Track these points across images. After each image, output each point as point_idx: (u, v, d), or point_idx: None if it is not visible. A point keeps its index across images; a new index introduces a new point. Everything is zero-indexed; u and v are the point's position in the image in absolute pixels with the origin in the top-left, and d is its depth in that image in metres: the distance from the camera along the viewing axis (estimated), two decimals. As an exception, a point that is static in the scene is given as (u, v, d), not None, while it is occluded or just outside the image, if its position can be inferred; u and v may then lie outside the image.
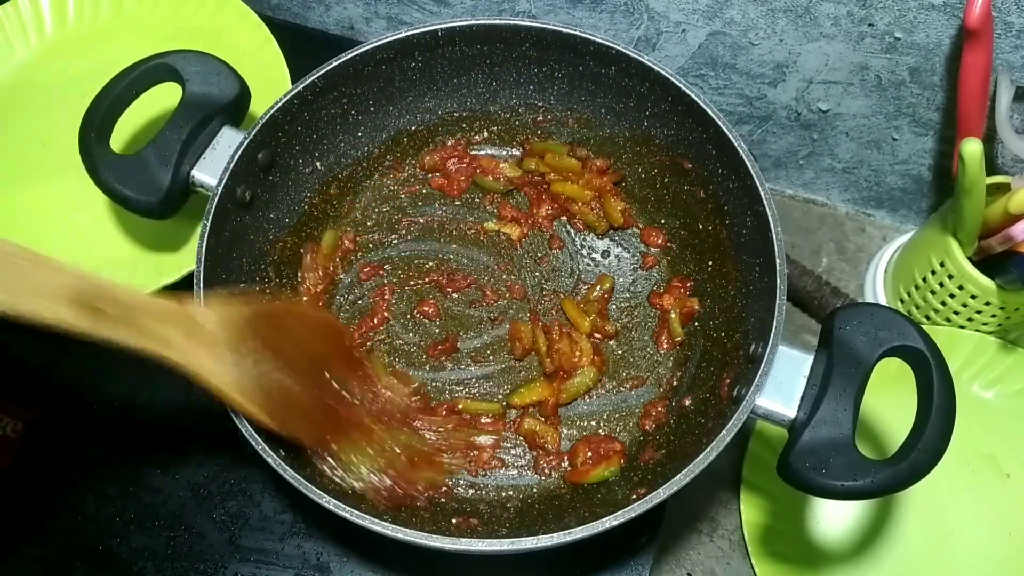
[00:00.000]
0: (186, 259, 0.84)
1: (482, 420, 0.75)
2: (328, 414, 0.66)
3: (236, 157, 0.70)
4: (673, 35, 0.85)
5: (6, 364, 0.85)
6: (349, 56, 0.75)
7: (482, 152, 0.88)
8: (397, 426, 0.70)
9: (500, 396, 0.77)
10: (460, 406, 0.75)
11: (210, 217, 0.68)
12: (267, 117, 0.72)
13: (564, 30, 0.75)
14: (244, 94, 0.75)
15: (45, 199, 0.89)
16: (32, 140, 0.92)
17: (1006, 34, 0.71)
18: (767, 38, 0.81)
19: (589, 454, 0.73)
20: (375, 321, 0.80)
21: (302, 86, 0.74)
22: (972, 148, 0.66)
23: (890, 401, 0.78)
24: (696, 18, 0.82)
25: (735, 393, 0.65)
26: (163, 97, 0.75)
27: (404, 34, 0.76)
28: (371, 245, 0.84)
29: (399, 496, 0.66)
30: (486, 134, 0.88)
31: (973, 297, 0.80)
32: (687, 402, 0.74)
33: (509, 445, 0.75)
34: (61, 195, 0.88)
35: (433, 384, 0.77)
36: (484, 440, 0.74)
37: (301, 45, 0.93)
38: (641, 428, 0.75)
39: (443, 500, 0.72)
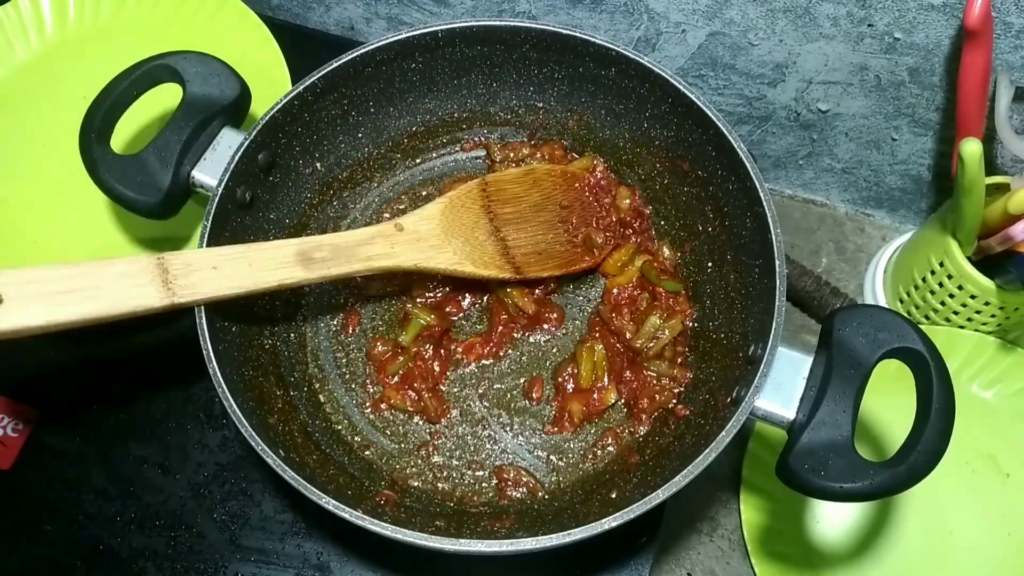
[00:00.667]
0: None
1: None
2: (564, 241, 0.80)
3: (236, 158, 0.70)
4: (673, 35, 0.85)
5: (6, 364, 0.85)
6: (349, 57, 0.75)
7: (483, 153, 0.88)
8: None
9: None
10: None
11: (210, 218, 0.68)
12: (267, 118, 0.72)
13: (564, 31, 0.75)
14: (244, 95, 0.75)
15: (45, 199, 0.89)
16: (32, 141, 0.92)
17: (1005, 34, 0.71)
18: (767, 38, 0.81)
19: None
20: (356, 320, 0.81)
21: (302, 87, 0.74)
22: (971, 148, 0.66)
23: (889, 402, 0.78)
24: (696, 18, 0.82)
25: (734, 394, 0.65)
26: (163, 98, 0.75)
27: (404, 35, 0.76)
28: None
29: None
30: (486, 135, 0.88)
31: (972, 297, 0.80)
32: (686, 403, 0.74)
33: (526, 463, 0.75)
34: (61, 195, 0.89)
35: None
36: None
37: (301, 46, 0.93)
38: (640, 429, 0.75)
39: (450, 503, 0.72)
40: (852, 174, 0.95)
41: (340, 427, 0.76)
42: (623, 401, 0.76)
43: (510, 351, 0.79)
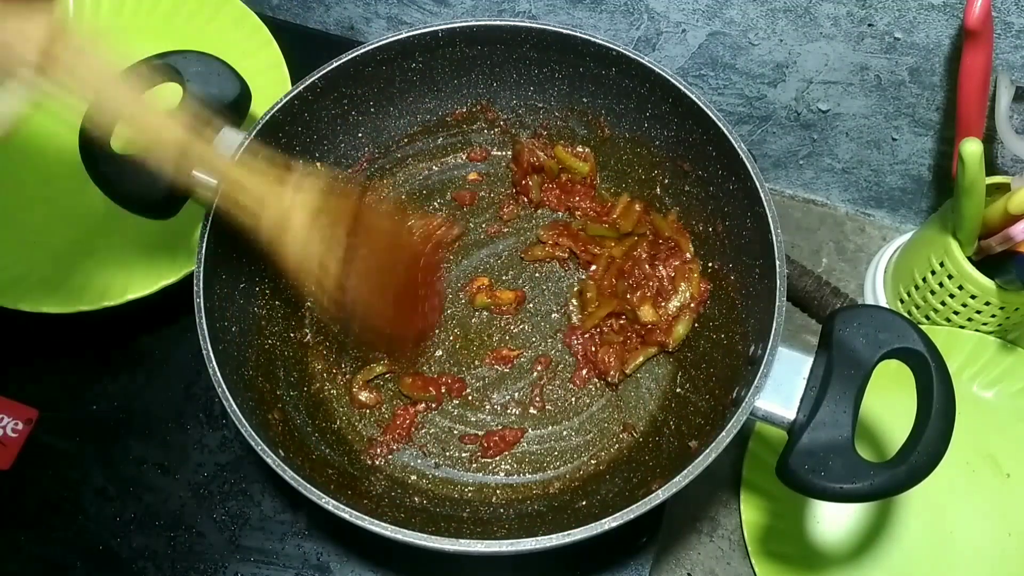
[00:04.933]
0: (186, 260, 0.84)
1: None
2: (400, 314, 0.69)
3: (236, 158, 0.70)
4: (673, 35, 0.85)
5: (6, 364, 0.85)
6: (349, 57, 0.75)
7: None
8: None
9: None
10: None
11: (210, 218, 0.68)
12: (267, 118, 0.72)
13: (564, 31, 0.75)
14: (244, 95, 0.74)
15: (45, 198, 0.89)
16: (31, 140, 0.92)
17: (1006, 34, 0.71)
18: (767, 38, 0.81)
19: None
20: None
21: (302, 87, 0.74)
22: (972, 148, 0.66)
23: (890, 402, 0.78)
24: (696, 18, 0.82)
25: (734, 394, 0.65)
26: (163, 97, 0.75)
27: (404, 35, 0.76)
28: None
29: None
30: (486, 135, 0.88)
31: (973, 297, 0.80)
32: (686, 404, 0.74)
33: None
34: (61, 195, 0.88)
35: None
36: None
37: (301, 46, 0.93)
38: (642, 429, 0.75)
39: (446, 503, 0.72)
40: (852, 174, 0.95)
41: (341, 428, 0.76)
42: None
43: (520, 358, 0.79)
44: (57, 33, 0.54)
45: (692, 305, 0.78)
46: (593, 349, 0.78)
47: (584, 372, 0.78)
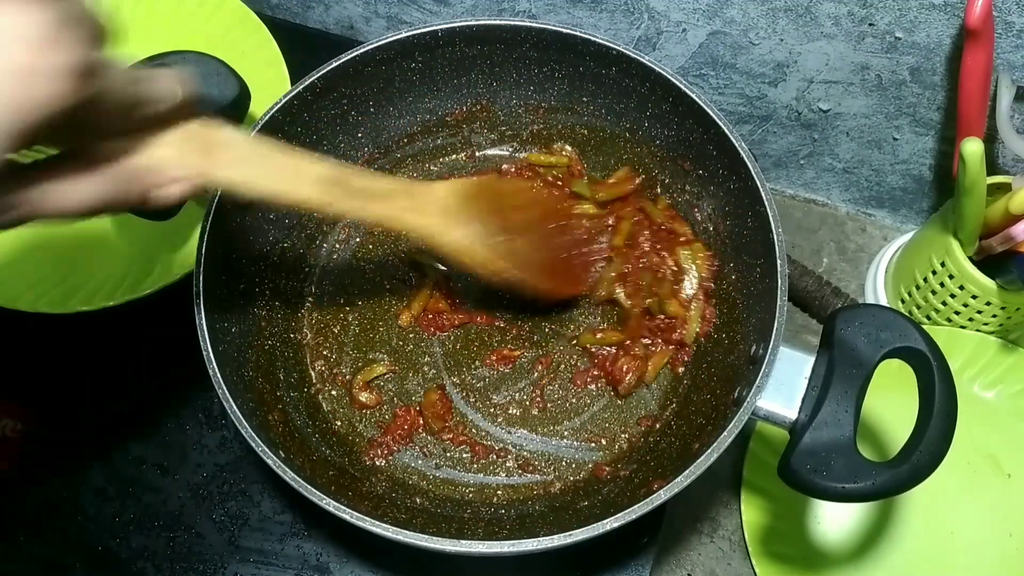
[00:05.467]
0: (186, 260, 0.84)
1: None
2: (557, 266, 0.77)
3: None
4: (673, 35, 0.85)
5: (6, 364, 0.85)
6: (349, 56, 0.75)
7: (485, 153, 0.88)
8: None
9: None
10: None
11: (210, 218, 0.68)
12: (267, 118, 0.72)
13: (564, 30, 0.75)
14: (244, 95, 0.74)
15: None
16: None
17: (1007, 34, 0.71)
18: (767, 38, 0.81)
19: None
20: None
21: (302, 87, 0.74)
22: (972, 148, 0.66)
23: (891, 402, 0.78)
24: (696, 17, 0.82)
25: (736, 394, 0.65)
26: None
27: (404, 34, 0.76)
28: (370, 245, 0.85)
29: None
30: (486, 135, 0.88)
31: (974, 297, 0.80)
32: (687, 403, 0.74)
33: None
34: (60, 195, 0.88)
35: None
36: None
37: (301, 45, 0.93)
38: (642, 429, 0.75)
39: (448, 504, 0.72)
40: (853, 174, 0.95)
41: (341, 428, 0.76)
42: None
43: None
44: (205, 147, 0.53)
45: (701, 289, 0.78)
46: (612, 353, 0.78)
47: (594, 372, 0.78)
